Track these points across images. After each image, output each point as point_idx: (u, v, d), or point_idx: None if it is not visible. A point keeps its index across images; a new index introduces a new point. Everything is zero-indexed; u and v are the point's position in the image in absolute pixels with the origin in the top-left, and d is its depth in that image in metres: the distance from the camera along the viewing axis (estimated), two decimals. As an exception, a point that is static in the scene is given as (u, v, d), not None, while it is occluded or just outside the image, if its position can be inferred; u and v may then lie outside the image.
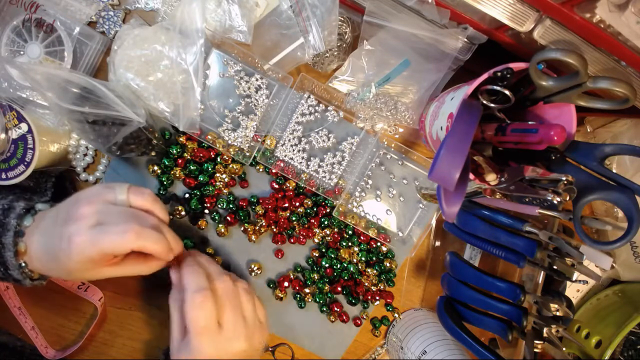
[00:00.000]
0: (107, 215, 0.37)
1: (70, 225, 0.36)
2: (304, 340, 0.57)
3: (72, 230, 0.35)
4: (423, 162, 0.55)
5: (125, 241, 0.36)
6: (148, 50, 0.45)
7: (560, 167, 0.37)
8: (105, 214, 0.37)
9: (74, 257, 0.35)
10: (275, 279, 0.56)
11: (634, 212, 0.33)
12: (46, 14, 0.46)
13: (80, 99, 0.41)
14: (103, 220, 0.36)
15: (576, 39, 0.38)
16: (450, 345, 0.50)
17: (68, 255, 0.35)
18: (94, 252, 0.35)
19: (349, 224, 0.54)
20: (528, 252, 0.43)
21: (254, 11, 0.48)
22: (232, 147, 0.52)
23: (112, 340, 0.54)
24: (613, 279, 0.60)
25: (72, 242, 0.35)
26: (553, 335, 0.42)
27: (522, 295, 0.43)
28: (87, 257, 0.35)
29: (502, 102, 0.39)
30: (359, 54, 0.50)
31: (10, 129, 0.44)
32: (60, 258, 0.36)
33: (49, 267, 0.38)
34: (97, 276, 0.38)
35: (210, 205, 0.53)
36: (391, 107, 0.52)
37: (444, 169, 0.32)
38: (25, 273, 0.39)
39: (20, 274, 0.38)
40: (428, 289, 0.59)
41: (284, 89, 0.53)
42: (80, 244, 0.35)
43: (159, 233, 0.38)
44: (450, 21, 0.44)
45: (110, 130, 0.43)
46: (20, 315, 0.50)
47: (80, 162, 0.52)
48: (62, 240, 0.36)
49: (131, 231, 0.36)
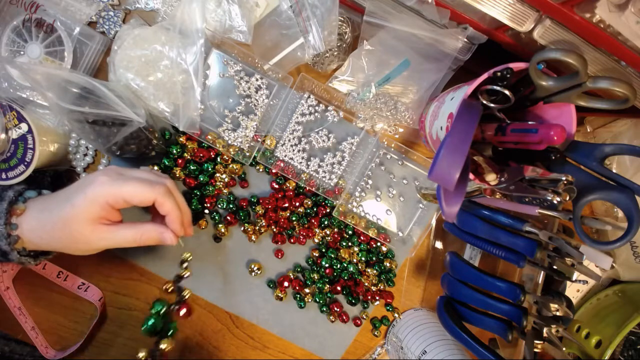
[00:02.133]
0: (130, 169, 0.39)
1: (92, 175, 0.38)
2: (304, 340, 0.57)
3: (96, 174, 0.37)
4: (423, 162, 0.55)
5: (152, 190, 0.37)
6: (148, 50, 0.45)
7: (560, 167, 0.37)
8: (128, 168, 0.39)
9: (89, 195, 0.36)
10: (275, 279, 0.56)
11: (634, 212, 0.33)
12: (46, 14, 0.46)
13: (80, 99, 0.41)
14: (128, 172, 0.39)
15: (576, 39, 0.38)
16: (450, 345, 0.50)
17: (84, 193, 0.36)
18: (112, 191, 0.36)
19: (349, 224, 0.54)
20: (528, 252, 0.43)
21: (254, 11, 0.48)
22: (232, 147, 0.52)
23: (112, 340, 0.54)
24: (613, 279, 0.60)
25: (95, 181, 0.36)
26: (553, 335, 0.42)
27: (522, 295, 0.43)
28: (104, 195, 0.36)
29: (502, 102, 0.39)
30: (359, 54, 0.50)
31: (10, 129, 0.44)
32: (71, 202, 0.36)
33: (49, 230, 0.37)
34: (93, 240, 0.38)
35: (210, 205, 0.53)
36: (391, 107, 0.52)
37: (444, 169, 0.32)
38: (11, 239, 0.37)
39: (7, 245, 0.37)
40: (428, 289, 0.59)
41: (284, 89, 0.53)
42: (102, 182, 0.36)
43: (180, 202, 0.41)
44: (450, 21, 0.44)
45: (110, 130, 0.43)
46: (20, 315, 0.50)
47: (80, 162, 0.52)
48: (81, 184, 0.37)
49: (161, 185, 0.38)
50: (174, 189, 0.41)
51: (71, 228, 0.36)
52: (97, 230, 0.37)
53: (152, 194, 0.38)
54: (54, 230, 0.37)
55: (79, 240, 0.37)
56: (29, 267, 0.50)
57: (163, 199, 0.38)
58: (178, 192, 0.42)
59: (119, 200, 0.37)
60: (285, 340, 0.57)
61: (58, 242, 0.38)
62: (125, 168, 0.40)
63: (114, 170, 0.39)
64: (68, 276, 0.52)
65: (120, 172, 0.39)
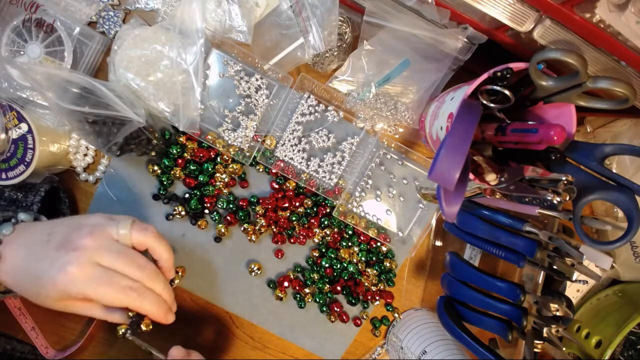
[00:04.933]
0: (108, 255, 0.36)
1: (68, 253, 0.34)
2: (304, 340, 0.57)
3: (70, 259, 0.34)
4: (423, 162, 0.55)
5: (125, 298, 0.35)
6: (148, 50, 0.45)
7: (560, 167, 0.37)
8: (106, 253, 0.36)
9: (59, 286, 0.34)
10: (275, 279, 0.56)
11: (633, 212, 0.33)
12: (46, 14, 0.46)
13: (80, 99, 0.41)
14: (105, 262, 0.35)
15: (576, 39, 0.38)
16: (450, 345, 0.50)
17: (53, 281, 0.34)
18: (82, 292, 0.34)
19: (349, 224, 0.54)
20: (528, 252, 0.43)
21: (254, 11, 0.48)
22: (232, 147, 0.52)
23: (112, 340, 0.54)
24: (613, 279, 0.60)
25: (64, 271, 0.34)
26: (553, 335, 0.42)
27: (522, 295, 0.43)
28: (73, 291, 0.34)
29: (502, 102, 0.39)
30: (359, 54, 0.50)
31: (10, 129, 0.44)
32: (41, 280, 0.34)
33: (19, 283, 0.36)
34: (62, 308, 0.36)
35: (210, 205, 0.53)
36: (391, 107, 0.52)
37: (444, 169, 0.32)
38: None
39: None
40: (428, 289, 0.59)
41: (284, 89, 0.53)
42: (73, 277, 0.34)
43: (159, 296, 0.38)
44: (450, 21, 0.44)
45: (110, 130, 0.43)
46: (20, 315, 0.50)
47: (80, 162, 0.52)
48: (52, 265, 0.34)
49: (135, 290, 0.35)
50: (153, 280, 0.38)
51: (40, 298, 0.36)
52: (69, 305, 0.36)
53: (124, 302, 0.36)
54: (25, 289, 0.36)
55: (45, 305, 0.36)
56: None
57: (136, 305, 0.36)
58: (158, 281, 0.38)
59: (88, 298, 0.35)
60: (285, 340, 0.57)
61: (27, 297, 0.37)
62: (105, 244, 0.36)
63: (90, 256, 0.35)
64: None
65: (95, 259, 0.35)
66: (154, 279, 0.38)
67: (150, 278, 0.38)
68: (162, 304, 0.38)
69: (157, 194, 0.53)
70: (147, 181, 0.53)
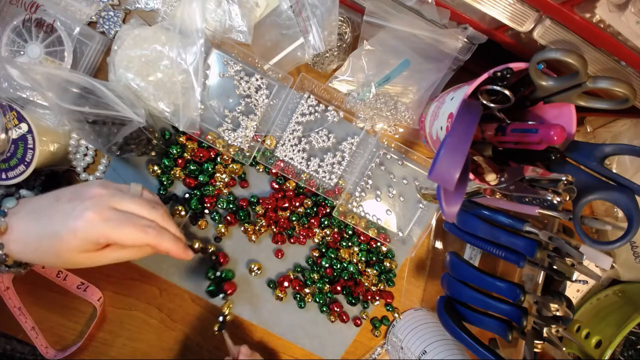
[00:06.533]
0: (122, 200, 0.36)
1: (83, 202, 0.34)
2: (304, 340, 0.57)
3: (87, 206, 0.34)
4: (423, 162, 0.55)
5: (145, 236, 0.35)
6: (148, 50, 0.45)
7: (560, 167, 0.37)
8: (120, 198, 0.36)
9: (79, 233, 0.33)
10: (275, 279, 0.56)
11: (633, 212, 0.33)
12: (46, 14, 0.46)
13: (80, 99, 0.41)
14: (120, 206, 0.36)
15: (576, 39, 0.38)
16: (450, 345, 0.50)
17: (74, 230, 0.33)
18: (104, 234, 0.34)
19: (349, 224, 0.54)
20: (528, 252, 0.43)
21: (254, 11, 0.48)
22: (232, 147, 0.52)
23: (112, 340, 0.54)
24: (613, 279, 0.60)
25: (83, 218, 0.33)
26: (553, 335, 0.42)
27: (522, 295, 0.43)
28: (94, 237, 0.34)
29: (502, 102, 0.39)
30: (359, 54, 0.50)
31: (10, 129, 0.44)
32: (59, 235, 0.34)
33: (34, 248, 0.35)
34: (86, 261, 0.36)
35: (210, 205, 0.53)
36: (391, 107, 0.52)
37: (444, 169, 0.32)
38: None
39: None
40: (428, 289, 0.59)
41: (284, 89, 0.53)
42: (93, 221, 0.33)
43: (174, 234, 0.38)
44: (450, 21, 0.44)
45: (110, 130, 0.43)
46: (20, 315, 0.50)
47: (80, 162, 0.52)
48: (69, 215, 0.34)
49: (153, 228, 0.36)
50: (167, 220, 0.39)
51: (62, 256, 0.35)
52: (93, 256, 0.36)
53: (145, 240, 0.36)
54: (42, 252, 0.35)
55: (68, 263, 0.36)
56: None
57: (156, 241, 0.36)
58: (171, 223, 0.40)
59: (110, 242, 0.35)
60: (285, 340, 0.57)
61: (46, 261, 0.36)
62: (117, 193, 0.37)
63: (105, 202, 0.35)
64: (67, 276, 0.52)
65: (111, 204, 0.35)
66: (167, 219, 0.39)
67: (163, 218, 0.39)
68: (179, 241, 0.39)
69: (157, 194, 0.53)
70: (147, 181, 0.53)
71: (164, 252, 0.38)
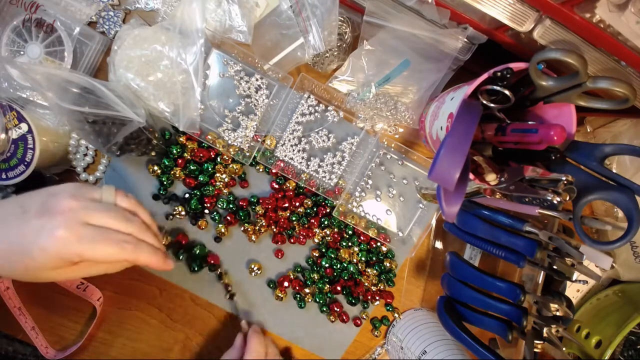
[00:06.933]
0: (96, 213, 0.34)
1: (54, 218, 0.32)
2: (304, 340, 0.57)
3: (57, 223, 0.32)
4: (423, 162, 0.55)
5: (122, 252, 0.34)
6: (148, 50, 0.45)
7: (560, 167, 0.37)
8: (93, 211, 0.34)
9: (51, 253, 0.32)
10: (275, 279, 0.56)
11: (634, 212, 0.33)
12: (46, 14, 0.46)
13: (80, 99, 0.41)
14: (93, 220, 0.34)
15: (576, 39, 0.38)
16: (450, 345, 0.50)
17: (44, 250, 0.32)
18: (78, 254, 0.32)
19: (349, 224, 0.54)
20: (528, 252, 0.43)
21: (254, 11, 0.48)
22: (232, 147, 0.52)
23: (112, 340, 0.54)
24: (613, 279, 0.60)
25: (54, 236, 0.31)
26: (553, 335, 0.42)
27: (522, 295, 0.43)
28: (67, 256, 0.32)
29: (502, 102, 0.39)
30: (359, 54, 0.50)
31: (10, 129, 0.44)
32: (29, 254, 0.32)
33: (1, 264, 0.33)
34: (59, 276, 0.34)
35: (210, 205, 0.53)
36: (391, 107, 0.52)
37: (444, 169, 0.32)
38: None
39: None
40: (428, 289, 0.59)
41: (284, 89, 0.53)
42: (65, 240, 0.32)
43: (152, 245, 0.37)
44: (450, 21, 0.44)
45: (110, 130, 0.43)
46: (20, 315, 0.50)
47: (80, 162, 0.52)
48: (38, 234, 0.32)
49: (129, 243, 0.34)
50: (144, 232, 0.37)
51: (31, 273, 0.33)
52: (66, 272, 0.34)
53: (121, 256, 0.34)
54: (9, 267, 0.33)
55: (38, 279, 0.34)
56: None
57: (134, 256, 0.35)
58: (149, 233, 0.38)
59: (84, 260, 0.34)
60: (285, 340, 0.57)
61: (14, 275, 0.35)
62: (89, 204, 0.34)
63: (77, 217, 0.33)
64: (68, 276, 0.52)
65: (84, 218, 0.33)
66: (144, 230, 0.37)
67: (140, 230, 0.37)
68: (158, 252, 0.37)
69: (157, 194, 0.53)
70: (147, 181, 0.53)
71: (143, 265, 0.36)
